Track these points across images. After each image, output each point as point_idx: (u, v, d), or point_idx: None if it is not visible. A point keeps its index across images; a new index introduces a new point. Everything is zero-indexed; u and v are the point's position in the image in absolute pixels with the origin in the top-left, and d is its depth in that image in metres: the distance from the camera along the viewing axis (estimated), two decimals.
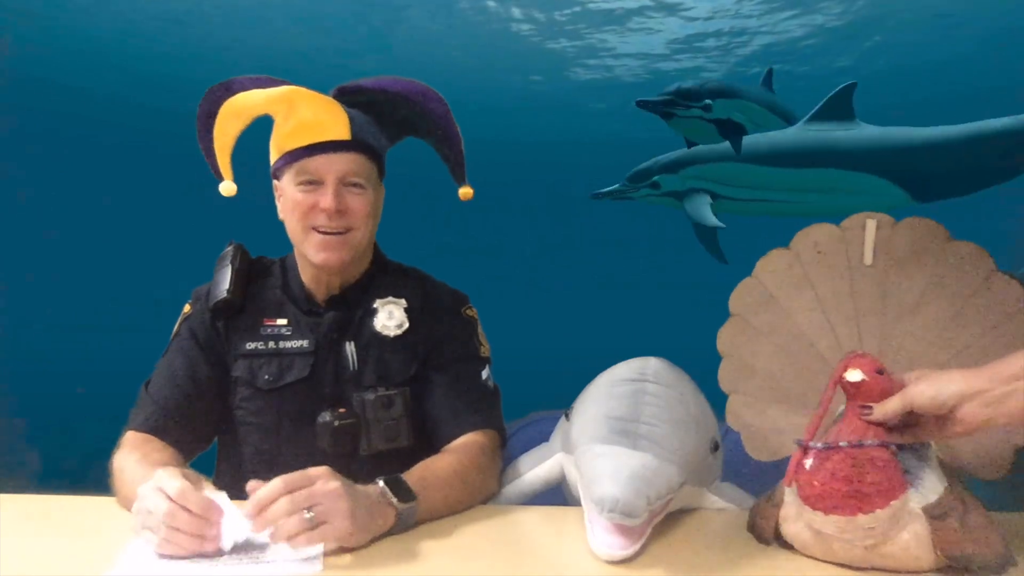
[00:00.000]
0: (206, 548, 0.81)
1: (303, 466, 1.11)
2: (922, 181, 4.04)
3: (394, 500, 0.90)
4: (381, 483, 0.91)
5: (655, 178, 4.51)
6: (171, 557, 0.81)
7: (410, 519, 0.92)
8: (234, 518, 0.82)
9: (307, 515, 0.81)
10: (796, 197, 4.31)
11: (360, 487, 0.89)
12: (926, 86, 8.55)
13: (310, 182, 1.08)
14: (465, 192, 1.17)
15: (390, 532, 0.90)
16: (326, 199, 1.07)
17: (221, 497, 0.84)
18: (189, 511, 0.80)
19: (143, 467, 0.98)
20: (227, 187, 1.10)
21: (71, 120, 10.10)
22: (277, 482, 0.82)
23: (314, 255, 1.10)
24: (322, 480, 0.84)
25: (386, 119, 1.15)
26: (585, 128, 10.89)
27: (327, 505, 0.82)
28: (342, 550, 0.85)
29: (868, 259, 1.00)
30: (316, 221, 1.08)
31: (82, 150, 11.00)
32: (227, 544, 0.82)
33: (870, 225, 1.00)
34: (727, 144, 4.04)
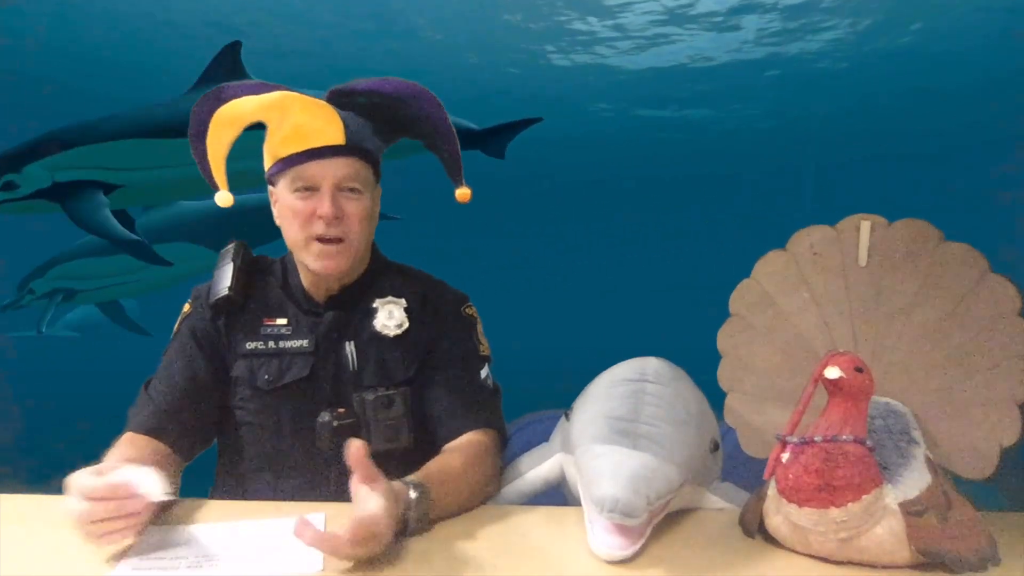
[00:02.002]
0: (143, 518, 0.82)
1: (303, 466, 1.11)
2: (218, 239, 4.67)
3: (409, 517, 0.89)
4: (413, 498, 0.90)
5: (30, 284, 4.73)
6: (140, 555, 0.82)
7: (411, 532, 0.91)
8: (146, 478, 0.82)
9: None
10: (146, 276, 4.66)
11: (396, 509, 0.86)
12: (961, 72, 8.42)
13: (306, 188, 1.07)
14: (462, 193, 1.15)
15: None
16: (323, 206, 1.06)
17: (126, 469, 0.84)
18: (100, 499, 0.80)
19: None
20: (223, 197, 1.08)
21: (72, 119, 10.08)
22: (354, 523, 0.80)
23: (313, 263, 1.10)
24: (382, 536, 0.82)
25: (381, 121, 1.13)
26: (587, 123, 10.77)
27: (369, 547, 0.81)
28: None
29: (863, 260, 1.01)
30: (315, 228, 1.08)
31: None
32: (156, 495, 0.82)
33: (864, 227, 1.01)
34: (91, 239, 4.07)
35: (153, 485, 0.81)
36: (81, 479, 0.81)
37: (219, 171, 1.08)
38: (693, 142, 11.32)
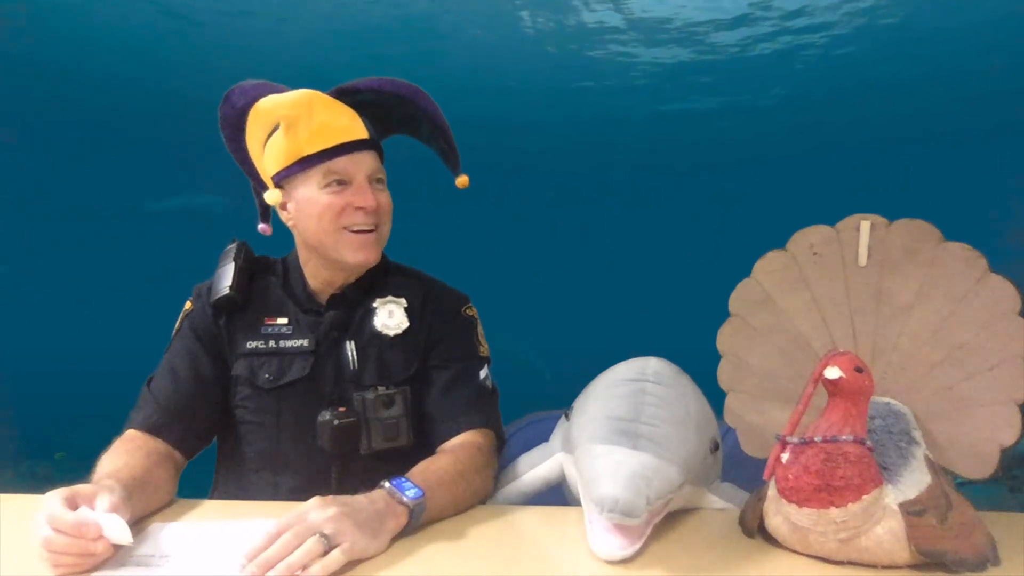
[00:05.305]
0: (102, 558, 0.80)
1: (303, 465, 1.11)
2: None
3: (403, 497, 0.89)
4: (387, 484, 0.91)
5: None
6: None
7: (421, 514, 0.91)
8: (115, 524, 0.80)
9: (322, 535, 0.79)
10: None
11: (361, 497, 0.87)
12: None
13: (339, 182, 1.09)
14: (462, 181, 1.19)
15: (403, 532, 0.89)
16: (364, 197, 1.09)
17: (100, 507, 0.81)
18: (65, 533, 0.78)
19: (103, 468, 0.97)
20: (274, 195, 1.09)
21: (72, 110, 9.99)
22: (270, 528, 0.80)
23: (352, 255, 1.11)
24: (316, 510, 0.82)
25: (379, 118, 1.16)
26: (589, 117, 10.64)
27: (334, 527, 0.80)
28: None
29: (862, 260, 1.01)
30: (351, 220, 1.10)
31: (81, 144, 10.94)
32: (121, 541, 0.80)
33: (864, 227, 1.01)
34: None
35: (121, 532, 0.79)
36: (54, 505, 0.79)
37: (263, 167, 1.10)
38: (693, 139, 11.28)
